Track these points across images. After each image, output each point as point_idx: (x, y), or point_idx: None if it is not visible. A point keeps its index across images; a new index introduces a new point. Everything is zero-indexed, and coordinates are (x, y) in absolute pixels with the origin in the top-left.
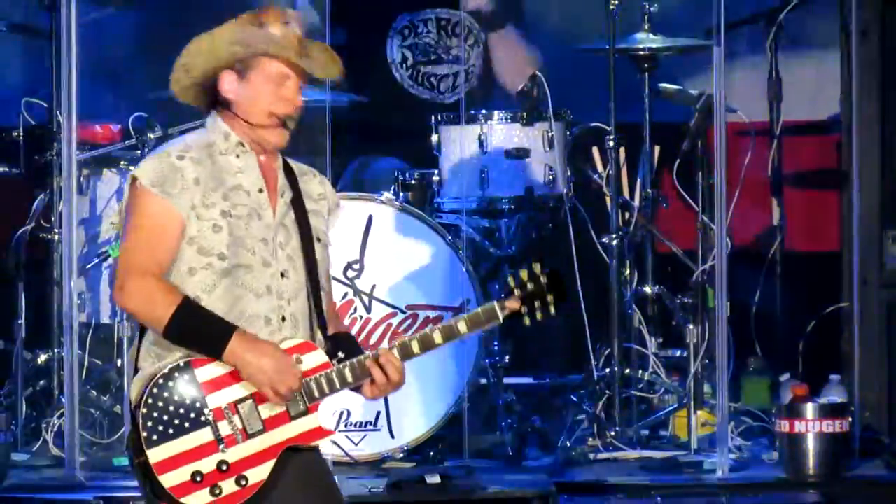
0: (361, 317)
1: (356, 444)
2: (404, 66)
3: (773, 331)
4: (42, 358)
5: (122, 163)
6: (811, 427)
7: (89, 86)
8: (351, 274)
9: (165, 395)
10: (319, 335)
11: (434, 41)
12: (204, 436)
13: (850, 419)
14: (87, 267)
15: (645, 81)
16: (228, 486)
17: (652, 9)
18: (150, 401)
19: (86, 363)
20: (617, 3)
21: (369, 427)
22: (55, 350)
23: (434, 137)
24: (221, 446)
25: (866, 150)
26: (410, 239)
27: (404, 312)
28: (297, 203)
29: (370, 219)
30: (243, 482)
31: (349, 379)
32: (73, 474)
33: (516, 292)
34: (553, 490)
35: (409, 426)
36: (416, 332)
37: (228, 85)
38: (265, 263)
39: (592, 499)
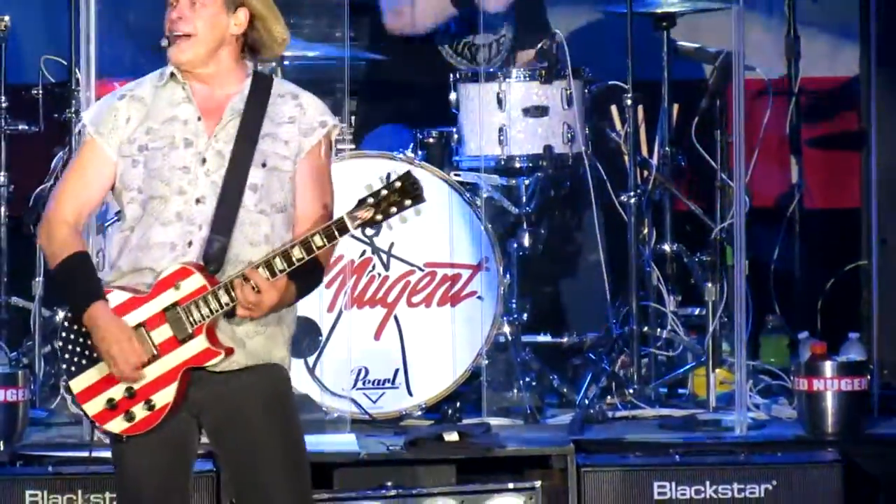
0: (380, 274)
1: (374, 402)
2: (447, 35)
3: (792, 289)
4: (60, 315)
5: None
6: (829, 385)
7: (108, 43)
8: (369, 232)
9: (76, 327)
10: (243, 252)
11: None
12: (107, 366)
13: (868, 377)
14: (106, 225)
15: (663, 39)
16: (139, 410)
17: None
18: (63, 334)
19: None
20: None
21: (387, 385)
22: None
23: (452, 95)
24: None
25: (886, 109)
26: (428, 196)
27: (422, 270)
28: (250, 122)
29: (388, 177)
30: (151, 406)
31: (224, 299)
32: (91, 432)
33: (369, 201)
34: (571, 448)
35: (428, 384)
36: (279, 251)
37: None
38: (180, 191)
39: (610, 457)
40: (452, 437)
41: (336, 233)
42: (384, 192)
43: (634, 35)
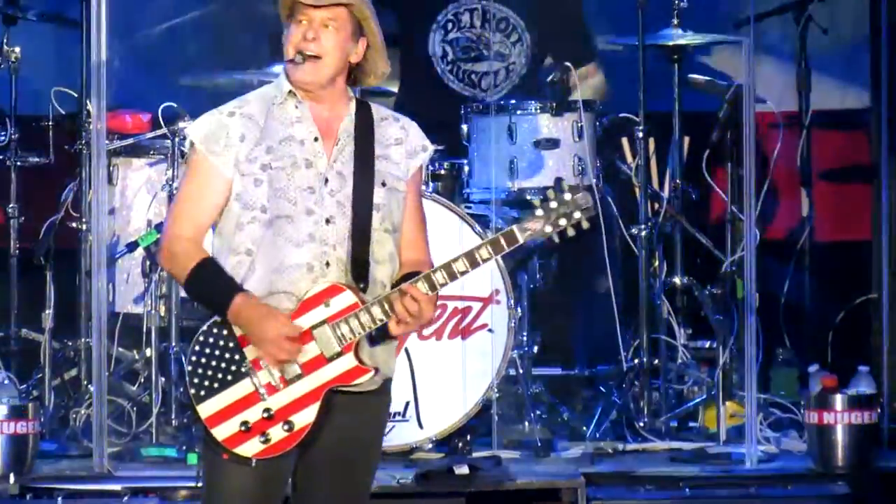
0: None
1: (386, 435)
2: (444, 60)
3: (802, 321)
4: (70, 348)
5: (151, 152)
6: (840, 418)
7: (118, 74)
8: None
9: (207, 351)
10: (378, 272)
11: (476, 35)
12: (245, 387)
13: (878, 410)
14: (116, 257)
15: (675, 72)
16: (276, 432)
17: (682, 3)
18: (193, 358)
19: (114, 353)
20: None
21: (398, 417)
22: (83, 340)
23: (464, 127)
24: (263, 394)
25: (894, 142)
26: (440, 229)
27: None
28: (364, 148)
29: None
30: (290, 427)
31: (378, 315)
32: (101, 464)
33: (538, 212)
34: (582, 481)
35: (438, 417)
36: (440, 266)
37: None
38: (308, 212)
39: (621, 490)
40: (463, 470)
41: (505, 245)
42: (553, 203)
43: (646, 67)
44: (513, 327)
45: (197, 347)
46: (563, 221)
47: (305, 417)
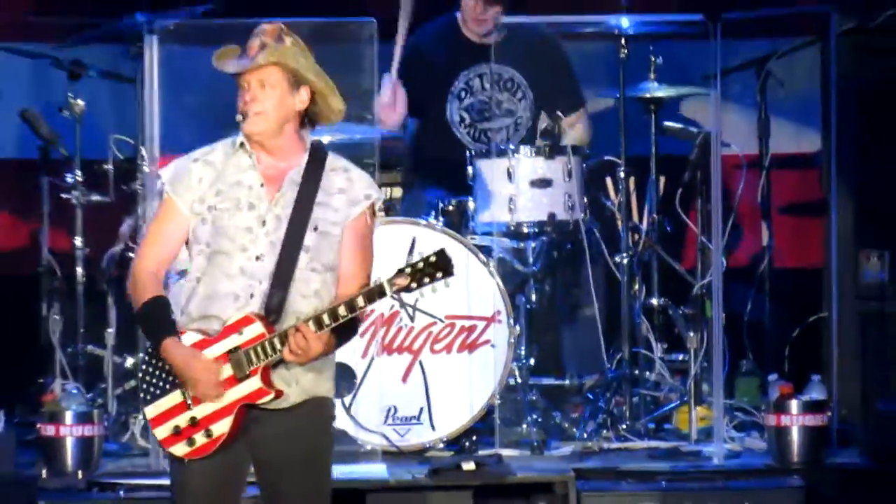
0: (406, 325)
1: (402, 436)
2: (462, 125)
3: (763, 337)
4: (130, 361)
5: None
6: (795, 421)
7: (169, 123)
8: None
9: (151, 364)
10: (296, 304)
11: (487, 97)
12: (177, 397)
13: (829, 414)
14: (169, 283)
15: (651, 120)
16: (199, 437)
17: (658, 60)
18: (141, 370)
19: None
20: (626, 54)
21: (413, 421)
22: (140, 355)
23: (469, 169)
24: (190, 405)
25: (843, 181)
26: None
27: (443, 321)
28: (307, 192)
29: (414, 240)
30: (209, 434)
31: (277, 346)
32: (157, 462)
33: (406, 270)
34: (572, 476)
35: (448, 420)
36: (327, 307)
37: None
38: (243, 249)
39: (606, 483)
40: (469, 466)
41: (377, 296)
42: (420, 264)
43: (627, 116)
44: (512, 343)
45: (144, 363)
46: (426, 280)
47: (221, 427)
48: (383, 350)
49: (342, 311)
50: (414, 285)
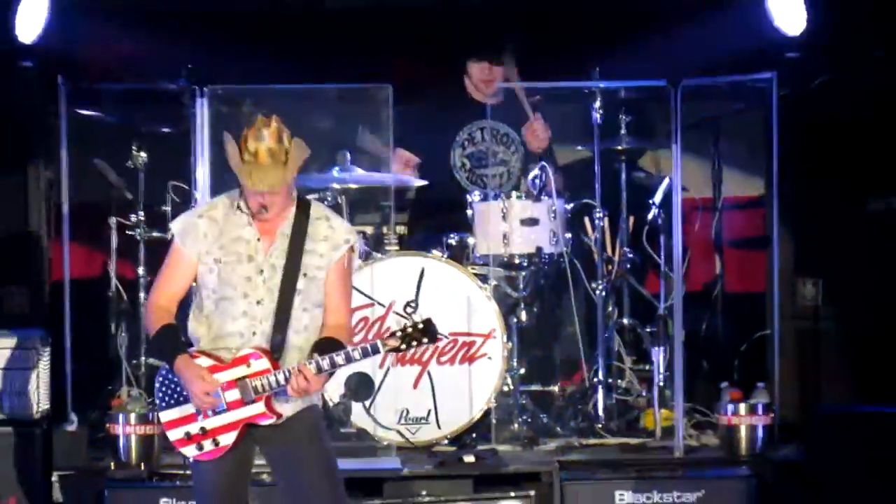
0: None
1: (413, 434)
2: (463, 170)
3: (716, 351)
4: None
5: None
6: (743, 421)
7: (217, 173)
8: (409, 310)
9: (170, 376)
10: (294, 340)
11: (486, 148)
12: (189, 408)
13: (771, 415)
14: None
15: (623, 169)
16: (208, 444)
17: (627, 119)
18: (158, 381)
19: None
20: (601, 114)
21: (423, 421)
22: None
23: (469, 212)
24: (200, 417)
25: (783, 220)
26: (452, 284)
27: (447, 338)
28: (296, 243)
29: (423, 269)
30: (216, 443)
31: (281, 381)
32: None
33: (397, 334)
34: (556, 467)
35: (452, 420)
36: (327, 355)
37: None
38: (244, 295)
39: (584, 473)
40: (470, 459)
41: (371, 353)
42: (410, 329)
43: (602, 166)
44: (505, 356)
45: (161, 376)
46: (413, 343)
47: (227, 439)
48: (397, 362)
49: (340, 360)
50: (403, 346)
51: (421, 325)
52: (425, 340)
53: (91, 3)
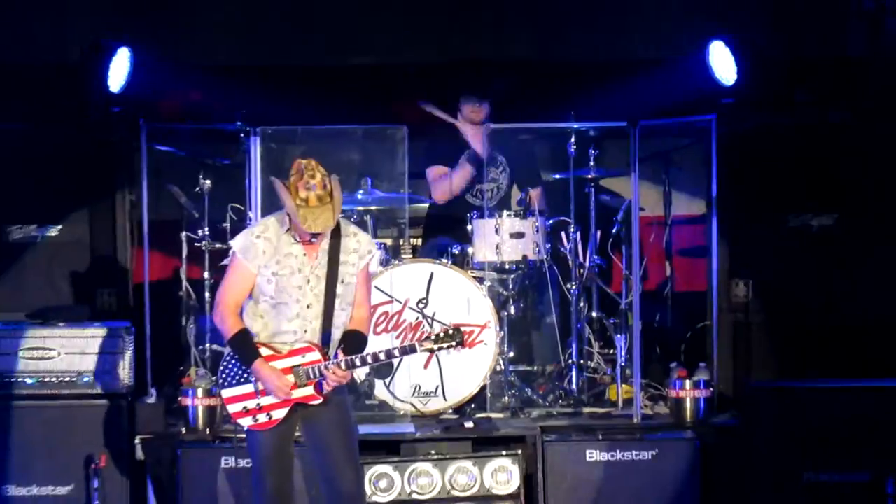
0: (427, 331)
1: (424, 405)
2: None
3: (666, 338)
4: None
5: None
6: (688, 394)
7: (269, 197)
8: (420, 306)
9: (232, 362)
10: (335, 334)
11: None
12: (248, 388)
13: (711, 389)
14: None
15: (592, 192)
16: (262, 417)
17: (595, 152)
18: (222, 365)
19: None
20: (575, 148)
21: (431, 394)
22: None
23: (469, 227)
24: (258, 394)
25: (720, 233)
26: (455, 285)
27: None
28: (333, 257)
29: (432, 273)
30: (269, 417)
31: (323, 372)
32: None
33: (431, 337)
34: (539, 431)
35: (455, 394)
36: (358, 355)
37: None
38: (297, 301)
39: (561, 436)
40: (469, 425)
41: (409, 352)
42: (442, 335)
43: (575, 190)
44: (498, 342)
45: (225, 360)
46: (444, 345)
47: (279, 414)
48: None
49: (369, 359)
50: (435, 348)
51: (451, 332)
52: (454, 344)
53: (164, 59)
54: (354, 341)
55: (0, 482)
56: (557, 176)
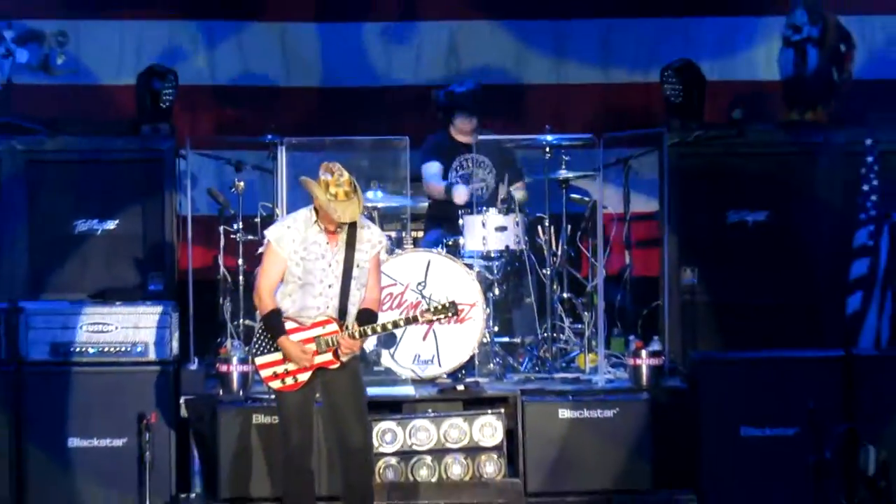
0: (422, 312)
1: (423, 371)
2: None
3: (626, 315)
4: (257, 325)
5: None
6: (644, 362)
7: (292, 196)
8: (420, 288)
9: (265, 334)
10: (351, 310)
11: (469, 171)
12: (278, 356)
13: (663, 358)
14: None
15: (563, 192)
16: (289, 380)
17: (567, 159)
18: (256, 336)
19: None
20: (550, 156)
21: (429, 362)
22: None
23: (460, 222)
24: (286, 361)
25: (671, 228)
26: (448, 270)
27: None
28: (350, 245)
29: (429, 261)
30: (295, 380)
31: (340, 340)
32: None
33: (431, 309)
34: (519, 393)
35: (449, 361)
36: (370, 325)
37: (317, 206)
38: (320, 281)
39: (538, 397)
40: (461, 388)
41: (413, 322)
42: (439, 306)
43: (549, 191)
44: (485, 318)
45: (258, 333)
46: (441, 317)
47: (303, 377)
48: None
49: (378, 328)
50: (434, 319)
51: (447, 304)
52: (451, 314)
53: (204, 82)
54: (366, 316)
55: (65, 436)
56: (534, 178)
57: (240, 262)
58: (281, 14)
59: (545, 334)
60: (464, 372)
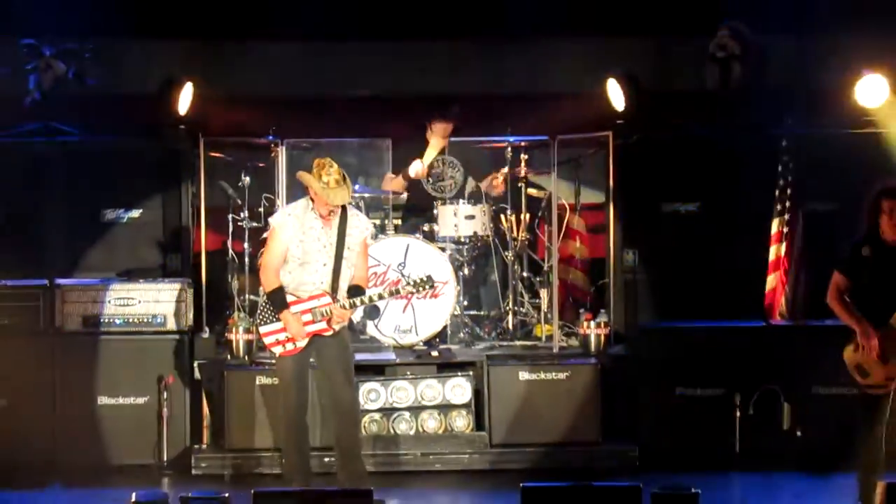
0: (404, 286)
1: (402, 339)
2: (429, 184)
3: (577, 291)
4: (262, 299)
5: None
6: (593, 331)
7: (292, 191)
8: (400, 268)
9: (268, 306)
10: (342, 286)
11: (441, 171)
12: (279, 325)
13: (609, 328)
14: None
15: (523, 186)
16: (289, 346)
17: (526, 157)
18: (260, 309)
19: None
20: (511, 155)
21: (408, 332)
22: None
23: (435, 211)
24: (286, 330)
25: (616, 217)
26: (425, 253)
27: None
28: (342, 230)
29: (408, 245)
30: (295, 345)
31: (331, 313)
32: None
33: (410, 283)
34: (485, 358)
35: (425, 331)
36: (358, 297)
37: (313, 195)
38: (317, 260)
39: (502, 361)
40: (435, 353)
41: (395, 293)
42: (418, 280)
43: (511, 184)
44: (455, 294)
45: (262, 306)
46: (420, 290)
47: (301, 343)
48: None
49: (367, 299)
50: (413, 292)
51: (425, 278)
52: (428, 288)
53: (216, 92)
54: (355, 290)
55: (95, 394)
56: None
57: (246, 245)
58: (273, 36)
59: (508, 308)
60: (438, 340)
